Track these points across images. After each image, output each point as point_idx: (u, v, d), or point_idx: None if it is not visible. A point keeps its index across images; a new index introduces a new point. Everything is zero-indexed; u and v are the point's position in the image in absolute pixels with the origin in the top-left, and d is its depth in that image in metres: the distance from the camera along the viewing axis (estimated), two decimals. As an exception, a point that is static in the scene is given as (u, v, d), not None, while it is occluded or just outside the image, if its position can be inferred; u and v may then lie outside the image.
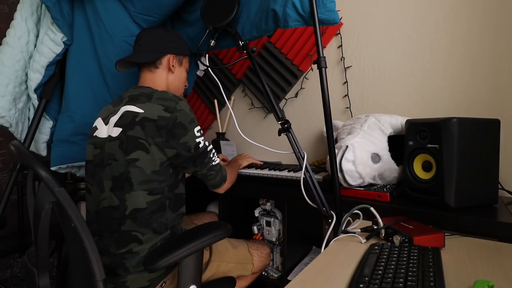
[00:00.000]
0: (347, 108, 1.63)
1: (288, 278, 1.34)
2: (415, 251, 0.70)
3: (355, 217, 0.95)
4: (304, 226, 1.51)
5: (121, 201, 1.00)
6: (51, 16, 1.31)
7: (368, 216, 0.91)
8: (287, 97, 1.82)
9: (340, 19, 1.49)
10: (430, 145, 1.02)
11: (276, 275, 1.46)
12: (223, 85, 2.01)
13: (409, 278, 0.59)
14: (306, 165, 1.08)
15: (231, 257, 1.21)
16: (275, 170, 1.42)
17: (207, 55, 1.42)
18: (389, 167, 1.19)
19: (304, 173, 1.08)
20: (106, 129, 1.08)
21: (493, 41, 1.29)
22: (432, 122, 1.02)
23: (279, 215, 1.49)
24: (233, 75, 2.01)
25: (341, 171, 1.12)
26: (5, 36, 1.36)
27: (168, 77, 1.24)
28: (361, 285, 0.57)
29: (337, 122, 1.45)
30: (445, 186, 0.97)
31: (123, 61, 1.21)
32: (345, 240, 0.85)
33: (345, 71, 1.62)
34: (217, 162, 1.15)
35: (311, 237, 1.58)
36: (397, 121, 1.23)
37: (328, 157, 1.14)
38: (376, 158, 1.18)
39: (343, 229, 0.92)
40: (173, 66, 1.23)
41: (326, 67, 1.09)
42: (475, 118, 1.01)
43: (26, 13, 1.37)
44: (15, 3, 2.51)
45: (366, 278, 0.59)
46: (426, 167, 1.07)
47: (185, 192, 1.15)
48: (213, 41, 1.39)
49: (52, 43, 1.37)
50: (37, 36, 1.41)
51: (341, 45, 1.63)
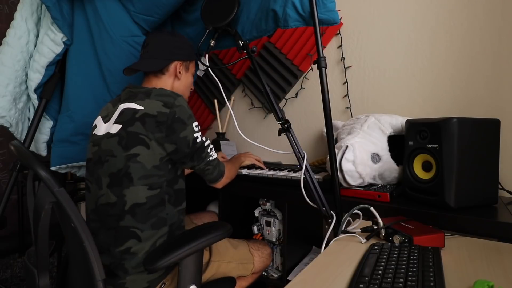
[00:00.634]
0: (347, 108, 1.63)
1: (288, 278, 1.34)
2: (415, 251, 0.70)
3: (355, 217, 0.95)
4: (304, 226, 1.51)
5: (119, 197, 1.00)
6: (51, 16, 1.31)
7: (368, 216, 0.91)
8: (287, 97, 1.82)
9: (340, 19, 1.49)
10: (430, 145, 1.02)
11: (276, 275, 1.46)
12: (223, 85, 2.01)
13: (409, 278, 0.59)
14: (306, 165, 1.08)
15: (231, 257, 1.21)
16: (275, 170, 1.42)
17: (207, 55, 1.42)
18: (389, 167, 1.19)
19: (304, 173, 1.08)
20: (105, 126, 1.09)
21: (493, 41, 1.28)
22: (432, 122, 1.02)
23: (279, 215, 1.49)
24: (233, 75, 2.01)
25: (341, 171, 1.12)
26: (5, 36, 1.37)
27: (173, 84, 1.24)
28: (361, 285, 0.57)
29: (337, 122, 1.45)
30: (445, 186, 0.97)
31: (129, 68, 1.21)
32: (345, 240, 0.85)
33: (345, 71, 1.62)
34: (214, 157, 1.16)
35: (311, 237, 1.58)
36: (397, 121, 1.23)
37: (328, 157, 1.14)
38: (376, 158, 1.18)
39: (343, 229, 0.92)
40: (179, 72, 1.24)
41: (326, 67, 1.09)
42: (475, 118, 1.01)
43: (26, 13, 1.37)
44: (15, 3, 2.51)
45: (366, 278, 0.59)
46: (426, 167, 1.07)
47: (185, 188, 1.15)
48: (213, 41, 1.39)
49: (52, 43, 1.37)
50: (37, 36, 1.41)
51: (341, 45, 1.63)
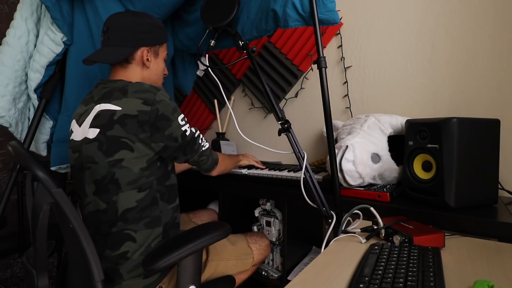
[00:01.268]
0: (347, 108, 1.62)
1: (288, 278, 1.34)
2: (415, 251, 0.70)
3: (355, 217, 0.95)
4: (304, 226, 1.51)
5: (109, 204, 0.96)
6: (51, 16, 1.31)
7: (368, 216, 0.91)
8: (287, 97, 1.82)
9: (340, 19, 1.48)
10: (430, 145, 1.02)
11: (276, 275, 1.46)
12: (223, 85, 2.01)
13: (409, 278, 0.59)
14: (306, 165, 1.08)
15: (230, 254, 1.20)
16: (275, 170, 1.42)
17: (207, 55, 1.42)
18: (389, 167, 1.19)
19: (304, 173, 1.08)
20: (81, 131, 1.02)
21: (493, 41, 1.28)
22: (432, 122, 1.01)
23: (279, 215, 1.49)
24: (233, 75, 2.01)
25: (341, 171, 1.12)
26: (5, 36, 1.36)
27: (142, 73, 1.12)
28: (361, 285, 0.57)
29: (337, 122, 1.45)
30: (445, 186, 0.97)
31: (88, 60, 1.09)
32: (345, 240, 0.85)
33: (345, 71, 1.62)
34: (206, 146, 1.14)
35: (311, 237, 1.58)
36: (397, 121, 1.23)
37: (328, 157, 1.14)
38: (376, 158, 1.18)
39: (343, 229, 0.92)
40: (147, 60, 1.11)
41: (326, 67, 1.09)
42: (475, 118, 1.00)
43: (26, 13, 1.37)
44: (15, 3, 2.51)
45: (366, 278, 0.59)
46: (426, 167, 1.06)
47: (177, 183, 1.13)
48: (213, 41, 1.38)
49: (52, 43, 1.37)
50: (37, 36, 1.41)
51: (341, 45, 1.62)
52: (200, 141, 1.11)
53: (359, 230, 0.87)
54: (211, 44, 1.39)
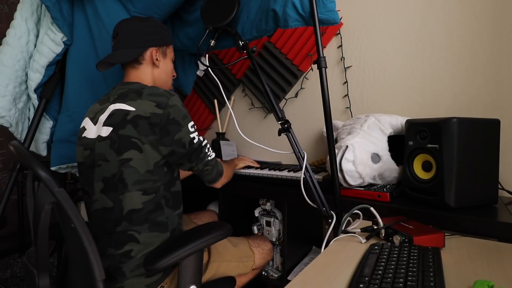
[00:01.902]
0: (347, 108, 1.63)
1: (288, 278, 1.34)
2: (415, 251, 0.70)
3: (355, 217, 0.95)
4: (304, 226, 1.51)
5: (115, 202, 0.97)
6: (51, 16, 1.31)
7: (368, 216, 0.91)
8: (287, 97, 1.82)
9: (340, 19, 1.49)
10: (430, 145, 1.02)
11: (276, 275, 1.46)
12: (223, 85, 2.01)
13: (409, 278, 0.59)
14: (306, 165, 1.08)
15: (232, 256, 1.20)
16: (275, 170, 1.42)
17: (207, 55, 1.42)
18: (389, 167, 1.19)
19: (304, 173, 1.08)
20: (95, 129, 1.04)
21: (493, 41, 1.28)
22: (432, 122, 1.02)
23: (279, 215, 1.49)
24: (233, 75, 2.01)
25: (341, 171, 1.12)
26: (5, 36, 1.37)
27: (153, 72, 1.18)
28: (361, 285, 0.57)
29: (337, 122, 1.45)
30: (445, 186, 0.97)
31: (101, 62, 1.13)
32: (345, 240, 0.85)
33: (345, 71, 1.62)
34: (212, 156, 1.14)
35: (311, 237, 1.58)
36: (397, 121, 1.23)
37: (328, 157, 1.14)
38: (376, 158, 1.18)
39: (343, 229, 0.92)
40: (157, 59, 1.16)
41: (326, 67, 1.09)
42: (475, 118, 1.01)
43: (26, 13, 1.37)
44: (15, 3, 2.51)
45: (366, 278, 0.59)
46: (426, 167, 1.07)
47: (181, 190, 1.13)
48: (213, 41, 1.38)
49: (52, 43, 1.37)
50: (37, 36, 1.41)
51: (341, 45, 1.63)
52: (206, 150, 1.11)
53: (359, 230, 0.87)
54: (211, 44, 1.39)
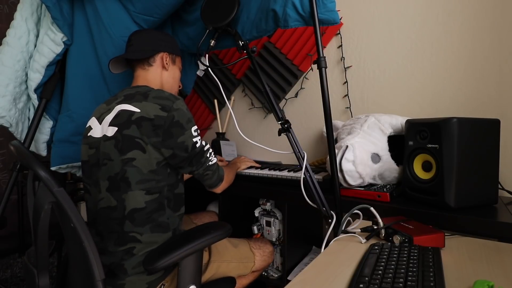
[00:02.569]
0: (347, 108, 1.63)
1: (288, 278, 1.34)
2: (415, 251, 0.70)
3: (355, 217, 0.95)
4: (304, 226, 1.51)
5: (119, 201, 0.99)
6: (51, 16, 1.31)
7: (368, 216, 0.91)
8: (287, 97, 1.82)
9: (340, 19, 1.49)
10: (430, 145, 1.02)
11: (276, 275, 1.46)
12: (223, 85, 2.01)
13: (409, 278, 0.59)
14: (306, 165, 1.08)
15: (232, 257, 1.20)
16: (275, 170, 1.42)
17: (207, 55, 1.42)
18: (389, 167, 1.19)
19: (304, 173, 1.08)
20: (101, 128, 1.06)
21: (493, 40, 1.28)
22: (432, 122, 1.02)
23: (279, 215, 1.49)
24: (233, 75, 2.01)
25: (341, 171, 1.12)
26: (5, 36, 1.36)
27: (162, 75, 1.23)
28: (361, 285, 0.57)
29: (337, 122, 1.45)
30: (445, 186, 0.97)
31: (116, 60, 1.21)
32: (345, 240, 0.85)
33: (345, 71, 1.62)
34: (214, 161, 1.14)
35: (311, 237, 1.58)
36: (397, 121, 1.23)
37: (328, 157, 1.14)
38: (376, 158, 1.18)
39: (343, 229, 0.92)
40: (167, 63, 1.22)
41: (326, 67, 1.09)
42: (475, 118, 1.01)
43: (26, 13, 1.37)
44: (15, 3, 2.51)
45: (366, 278, 0.59)
46: (426, 167, 1.07)
47: (184, 193, 1.14)
48: (213, 41, 1.38)
49: (52, 43, 1.37)
50: (37, 36, 1.41)
51: (341, 45, 1.63)
52: (208, 155, 1.11)
53: (359, 230, 0.87)
54: (211, 44, 1.39)
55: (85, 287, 0.87)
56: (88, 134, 1.09)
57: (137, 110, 1.01)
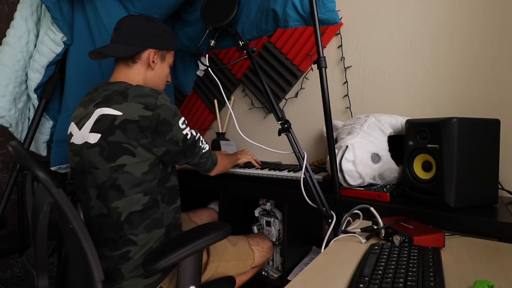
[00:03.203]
0: (347, 108, 1.62)
1: (288, 278, 1.34)
2: (415, 251, 0.70)
3: (355, 217, 0.95)
4: (304, 226, 1.51)
5: (111, 209, 0.96)
6: (51, 16, 1.31)
7: (368, 216, 0.91)
8: (287, 97, 1.82)
9: (340, 19, 1.48)
10: (430, 145, 1.02)
11: (276, 275, 1.46)
12: (223, 85, 2.01)
13: (409, 278, 0.59)
14: (306, 165, 1.08)
15: (231, 255, 1.20)
16: (275, 170, 1.42)
17: (207, 55, 1.42)
18: (389, 167, 1.19)
19: (304, 173, 1.08)
20: (81, 134, 1.00)
21: (493, 41, 1.28)
22: (432, 122, 1.01)
23: (279, 215, 1.49)
24: (233, 75, 2.01)
25: (341, 171, 1.12)
26: (5, 36, 1.37)
27: (146, 74, 1.13)
28: (361, 285, 0.57)
29: (337, 122, 1.45)
30: (445, 186, 0.97)
31: (96, 52, 1.09)
32: (345, 240, 0.85)
33: (345, 71, 1.62)
34: (206, 148, 1.14)
35: (311, 237, 1.58)
36: (397, 121, 1.23)
37: (328, 157, 1.14)
38: (376, 158, 1.18)
39: (343, 229, 0.92)
40: (153, 62, 1.12)
41: (326, 67, 1.09)
42: (475, 118, 1.00)
43: (26, 13, 1.37)
44: (15, 3, 2.51)
45: (366, 278, 0.59)
46: (426, 167, 1.06)
47: (178, 184, 1.13)
48: (213, 41, 1.38)
49: (52, 43, 1.37)
50: (37, 36, 1.41)
51: (341, 45, 1.62)
52: (200, 144, 1.10)
53: (359, 230, 0.87)
54: (211, 44, 1.39)
55: None
56: (71, 141, 1.05)
57: (119, 113, 0.94)
